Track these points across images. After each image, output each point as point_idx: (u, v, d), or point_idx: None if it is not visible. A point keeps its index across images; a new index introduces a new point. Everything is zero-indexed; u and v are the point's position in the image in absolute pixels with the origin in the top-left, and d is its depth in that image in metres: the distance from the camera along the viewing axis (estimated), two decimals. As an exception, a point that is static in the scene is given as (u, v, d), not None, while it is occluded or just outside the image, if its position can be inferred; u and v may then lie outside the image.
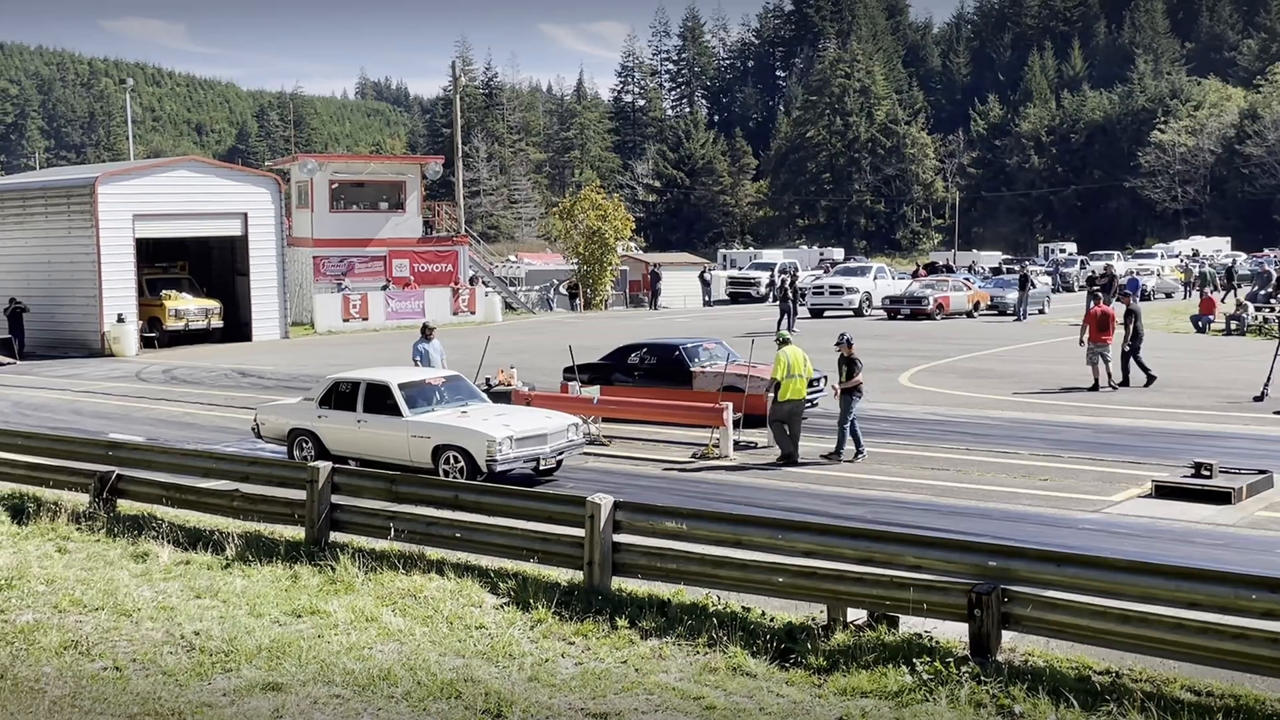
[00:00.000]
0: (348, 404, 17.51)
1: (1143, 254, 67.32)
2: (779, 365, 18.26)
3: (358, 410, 17.33)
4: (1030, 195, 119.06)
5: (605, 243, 56.12)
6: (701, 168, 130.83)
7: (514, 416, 17.32)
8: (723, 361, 22.35)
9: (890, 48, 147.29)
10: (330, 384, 18.08)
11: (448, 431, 16.58)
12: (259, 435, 18.62)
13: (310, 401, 18.16)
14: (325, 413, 17.71)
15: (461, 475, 15.98)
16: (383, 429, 17.03)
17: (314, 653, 9.72)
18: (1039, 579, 9.45)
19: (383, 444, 17.03)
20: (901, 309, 45.11)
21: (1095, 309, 26.54)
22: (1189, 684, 8.74)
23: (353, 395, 17.50)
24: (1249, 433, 20.12)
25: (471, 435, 16.31)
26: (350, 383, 17.83)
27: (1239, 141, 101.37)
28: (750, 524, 11.03)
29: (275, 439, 18.36)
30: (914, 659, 9.13)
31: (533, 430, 16.76)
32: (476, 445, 16.15)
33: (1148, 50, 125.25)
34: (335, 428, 17.57)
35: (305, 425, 17.90)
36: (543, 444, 16.73)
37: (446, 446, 16.43)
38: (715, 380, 21.28)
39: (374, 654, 9.73)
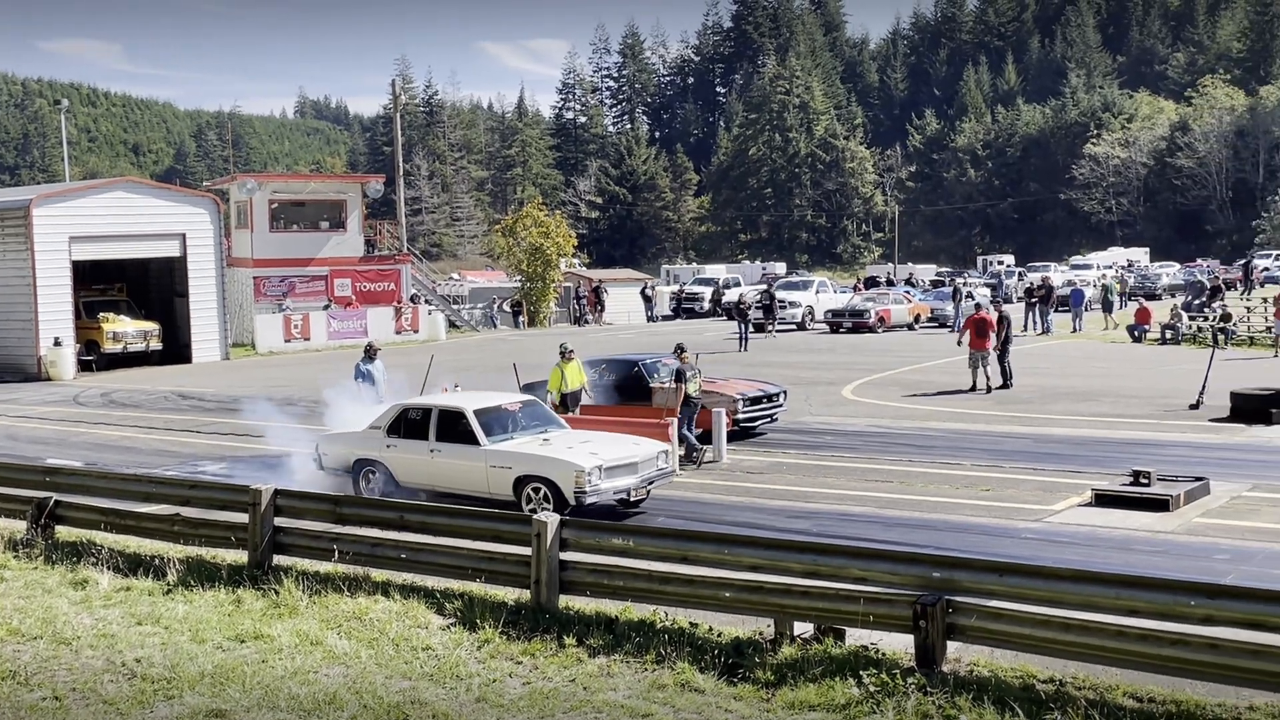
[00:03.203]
0: (419, 432, 16.34)
1: (1080, 265, 68.18)
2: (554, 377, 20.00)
3: (430, 439, 16.18)
4: (968, 208, 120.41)
5: (548, 259, 56.08)
6: (644, 184, 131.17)
7: (600, 444, 16.00)
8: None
9: (828, 64, 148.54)
10: (398, 411, 16.89)
11: (531, 461, 15.43)
12: (321, 466, 17.41)
13: (377, 430, 16.86)
14: (394, 442, 16.52)
15: (548, 504, 14.91)
16: (458, 459, 15.90)
17: (258, 678, 9.61)
18: (983, 589, 9.53)
19: (458, 475, 15.91)
20: (843, 322, 45.47)
21: (972, 316, 28.21)
22: (1131, 690, 8.84)
23: (424, 423, 16.35)
24: (1186, 440, 20.45)
25: (558, 465, 15.14)
26: (421, 409, 16.67)
27: (1170, 154, 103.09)
28: (696, 539, 11.05)
29: (339, 470, 17.20)
30: (861, 671, 9.18)
31: (622, 459, 15.53)
32: (564, 476, 15.00)
33: (1080, 64, 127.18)
34: (406, 458, 16.41)
35: (373, 455, 16.74)
36: (632, 474, 15.55)
37: (530, 478, 15.30)
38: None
39: (319, 678, 9.63)
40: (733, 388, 21.82)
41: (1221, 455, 18.93)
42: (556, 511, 13.93)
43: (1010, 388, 27.11)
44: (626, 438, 16.57)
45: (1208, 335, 35.94)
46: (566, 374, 20.15)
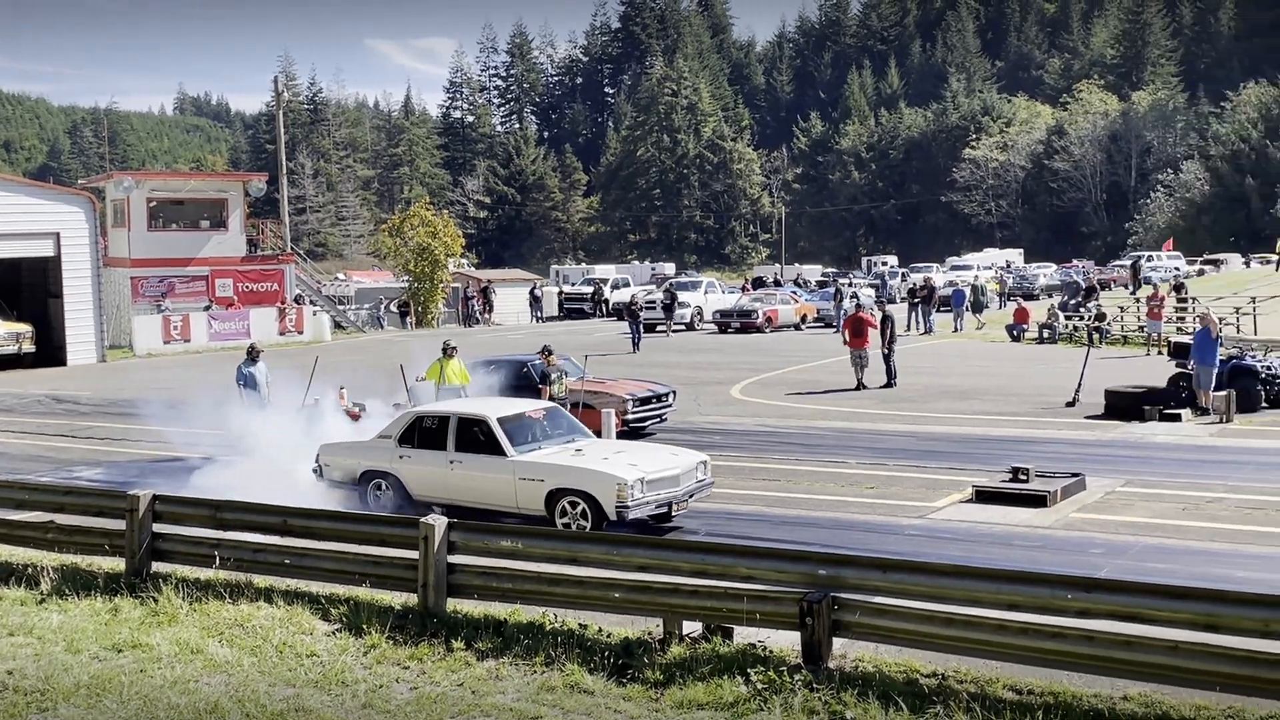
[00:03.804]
0: (435, 442, 15.33)
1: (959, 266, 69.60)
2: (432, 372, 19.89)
3: (448, 449, 15.15)
4: (852, 209, 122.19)
5: (436, 260, 55.61)
6: (532, 184, 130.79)
7: (637, 454, 15.10)
8: (573, 377, 22.35)
9: (715, 65, 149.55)
10: (411, 418, 15.86)
11: (567, 473, 14.45)
12: (321, 478, 16.29)
13: (388, 439, 15.80)
14: (408, 452, 15.49)
15: (585, 523, 14.10)
16: (482, 471, 14.88)
17: (136, 688, 9.37)
18: (867, 586, 9.66)
19: (482, 488, 14.91)
20: (732, 323, 45.85)
21: (851, 315, 29.00)
22: (1011, 683, 9.03)
23: (440, 431, 15.33)
24: (1063, 437, 20.99)
25: (598, 478, 14.18)
26: (437, 417, 15.65)
27: (1047, 157, 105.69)
28: (585, 541, 11.05)
29: (343, 482, 16.10)
30: (749, 669, 9.25)
31: (665, 471, 14.62)
32: (604, 489, 14.05)
33: (960, 69, 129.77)
34: (421, 470, 15.40)
35: (383, 467, 15.68)
36: (675, 485, 14.63)
37: (565, 491, 14.34)
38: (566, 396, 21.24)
39: (200, 687, 9.42)
40: (622, 388, 21.86)
41: (1097, 451, 19.46)
42: (595, 527, 13.76)
43: (894, 386, 27.59)
44: (663, 447, 15.99)
45: (1083, 334, 36.95)
46: (446, 370, 20.03)
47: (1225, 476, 17.02)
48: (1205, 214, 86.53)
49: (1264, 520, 14.55)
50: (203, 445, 20.04)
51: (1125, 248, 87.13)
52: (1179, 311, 38.22)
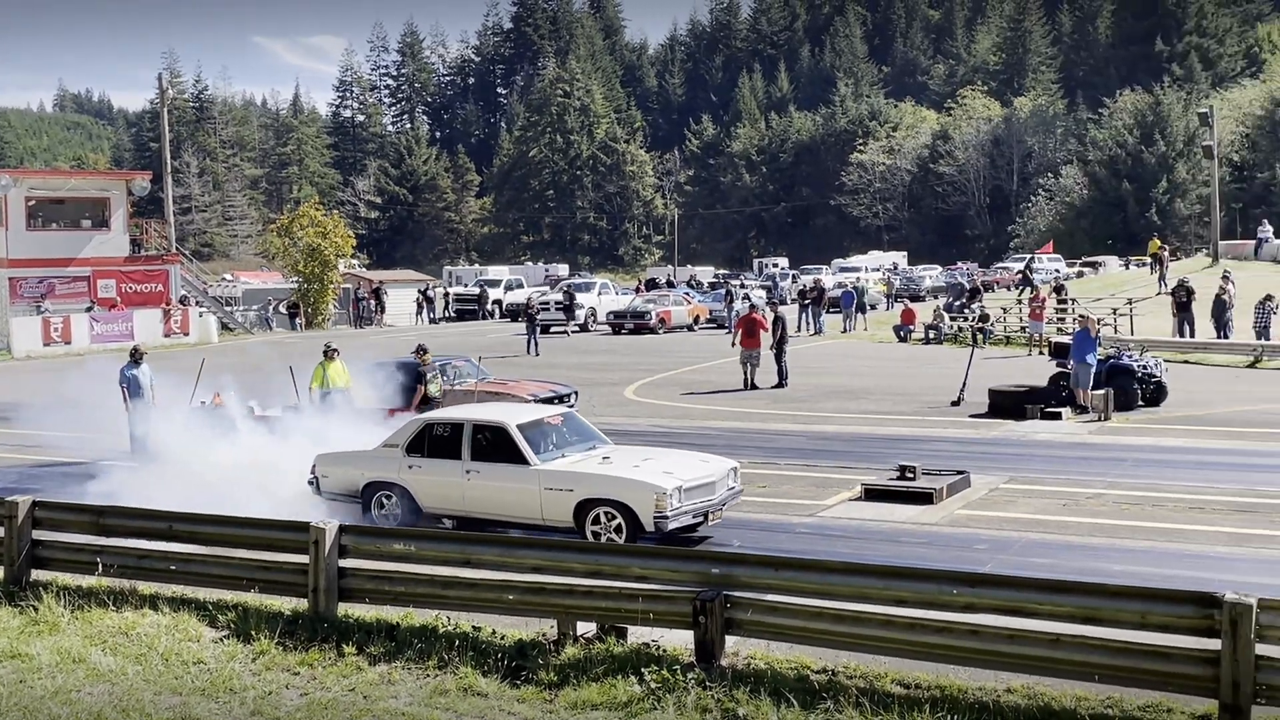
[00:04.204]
0: (448, 450, 14.42)
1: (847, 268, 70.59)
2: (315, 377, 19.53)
3: (463, 458, 14.27)
4: (744, 212, 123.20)
5: (326, 260, 54.90)
6: (424, 184, 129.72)
7: (668, 461, 14.38)
8: (473, 379, 22.23)
9: (608, 67, 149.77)
10: (420, 425, 14.89)
11: (599, 483, 13.68)
12: (318, 490, 15.30)
13: (393, 448, 14.84)
14: (418, 462, 14.56)
15: (619, 535, 13.36)
16: (503, 481, 14.02)
17: (15, 699, 9.11)
18: (759, 584, 9.77)
19: (503, 500, 14.07)
20: (625, 324, 45.98)
21: (742, 317, 29.37)
22: (899, 678, 9.20)
23: (454, 440, 14.43)
24: (948, 435, 21.42)
25: (635, 487, 13.43)
26: (449, 424, 14.74)
27: (933, 161, 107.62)
28: (479, 543, 11.00)
29: (343, 494, 15.12)
30: (642, 668, 9.29)
31: (700, 478, 13.94)
32: (642, 499, 13.31)
33: (848, 74, 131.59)
34: (433, 480, 14.48)
35: (389, 478, 14.74)
36: (710, 494, 13.95)
37: (597, 501, 13.57)
38: (466, 399, 21.09)
39: (82, 697, 9.20)
40: (524, 389, 21.84)
41: (981, 449, 19.90)
42: (630, 539, 13.16)
43: (785, 386, 27.90)
44: (690, 453, 15.25)
45: (968, 335, 37.69)
46: (329, 373, 19.84)
47: (1103, 473, 17.52)
48: (1084, 217, 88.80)
49: (1140, 515, 15.00)
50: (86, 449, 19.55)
51: (1008, 250, 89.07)
52: (1059, 312, 39.20)
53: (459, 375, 22.23)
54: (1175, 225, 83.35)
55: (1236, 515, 14.93)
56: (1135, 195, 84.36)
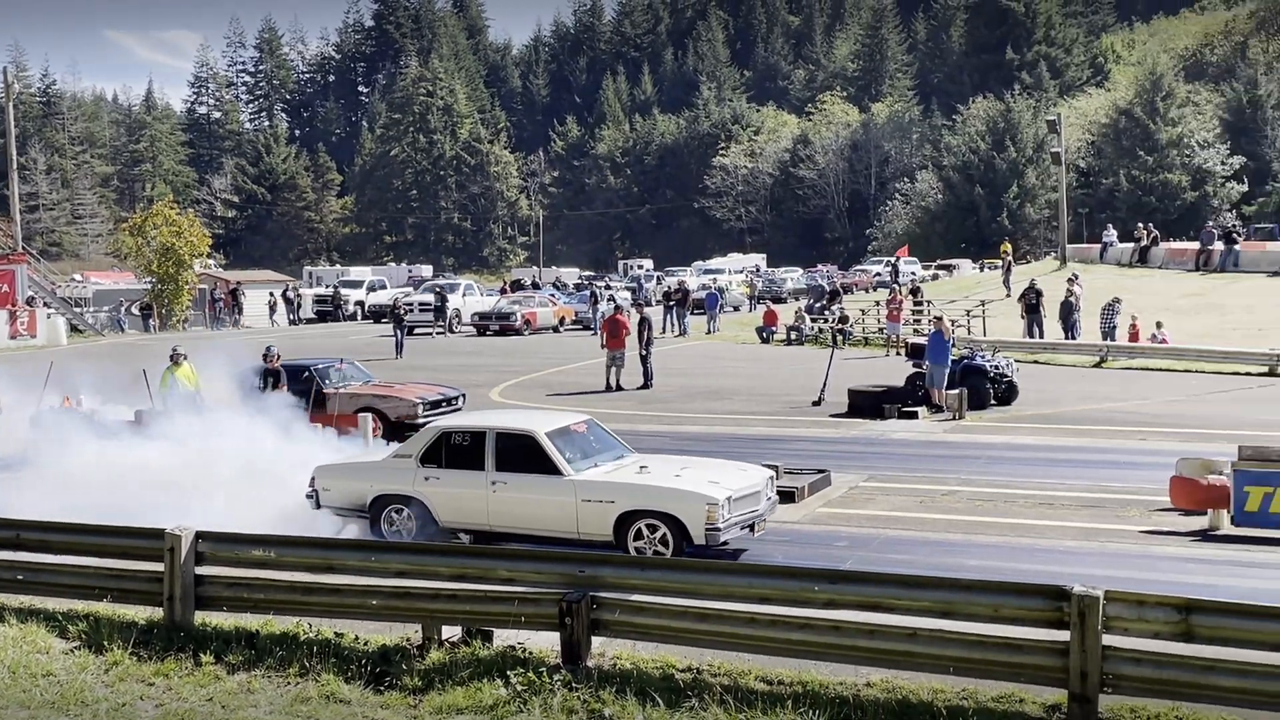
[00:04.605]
0: (469, 461, 13.60)
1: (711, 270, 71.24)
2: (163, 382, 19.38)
3: (487, 469, 13.47)
4: (609, 213, 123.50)
5: (181, 260, 53.53)
6: (283, 183, 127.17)
7: (710, 470, 13.78)
8: (358, 381, 21.93)
9: (472, 67, 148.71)
10: (435, 434, 14.03)
11: (644, 494, 13.03)
12: (318, 505, 14.35)
13: (406, 458, 14.02)
14: (435, 473, 13.71)
15: (665, 549, 12.70)
16: (534, 494, 13.28)
17: None
18: (626, 584, 9.82)
19: (534, 513, 13.32)
20: (490, 325, 45.79)
21: (607, 318, 29.68)
22: (762, 674, 9.32)
23: (475, 449, 13.61)
24: (809, 435, 21.79)
25: (685, 498, 12.78)
26: (468, 433, 13.88)
27: (793, 165, 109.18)
28: (341, 548, 10.86)
29: (348, 509, 14.25)
30: (509, 671, 9.27)
31: (747, 488, 13.35)
32: (692, 511, 12.66)
33: (711, 78, 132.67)
34: (454, 493, 13.63)
35: (402, 490, 13.87)
36: (756, 503, 13.38)
37: (642, 513, 12.91)
38: (352, 402, 20.75)
39: (-77, 716, 8.84)
40: (411, 391, 21.71)
41: (841, 448, 20.28)
42: (676, 553, 12.57)
43: (651, 388, 28.07)
44: (725, 461, 14.70)
45: (828, 336, 38.37)
46: (177, 378, 19.44)
47: (958, 470, 18.00)
48: (939, 221, 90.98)
49: (993, 511, 15.45)
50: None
51: (866, 253, 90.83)
52: (915, 314, 40.14)
53: (344, 378, 21.94)
54: (1025, 229, 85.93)
55: (1084, 510, 15.47)
56: (987, 200, 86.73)
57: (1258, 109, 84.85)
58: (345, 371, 22.29)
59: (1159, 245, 52.71)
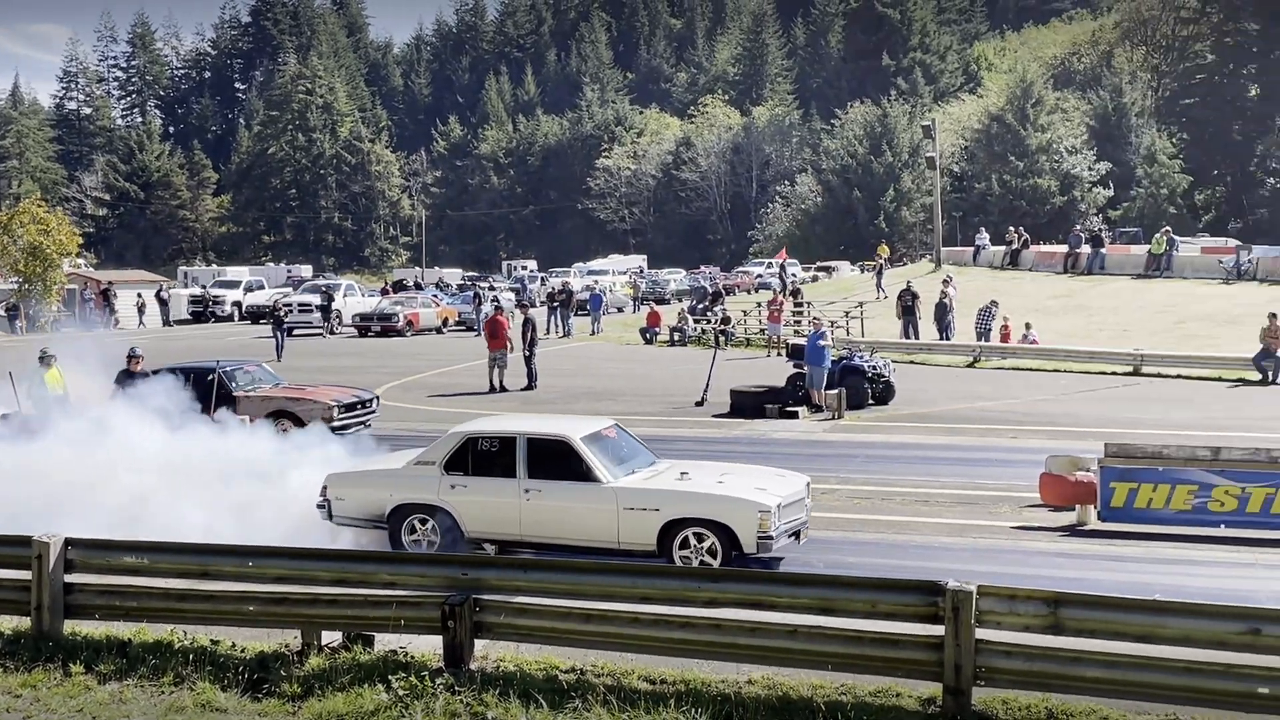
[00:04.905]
0: (498, 468, 13.11)
1: (595, 271, 71.35)
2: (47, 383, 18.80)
3: (519, 476, 12.97)
4: (493, 214, 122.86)
5: (48, 259, 51.98)
6: (157, 181, 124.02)
7: (751, 477, 13.39)
8: (268, 384, 21.50)
9: (352, 65, 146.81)
10: (460, 440, 13.40)
11: (691, 501, 12.59)
12: (330, 516, 13.66)
13: (428, 465, 13.43)
14: (461, 481, 13.19)
15: (713, 559, 12.30)
16: (571, 502, 12.81)
17: None
18: (509, 586, 9.81)
19: (571, 522, 12.83)
20: (372, 326, 45.30)
21: (489, 319, 29.85)
22: (645, 674, 9.38)
23: (505, 456, 13.09)
24: (692, 435, 21.95)
25: (735, 505, 12.38)
26: (497, 438, 13.30)
27: (676, 167, 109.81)
28: (217, 553, 10.64)
29: (364, 519, 13.56)
30: (390, 676, 9.20)
31: (792, 495, 13.02)
32: (743, 519, 12.27)
33: (594, 79, 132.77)
34: (483, 502, 13.11)
35: (425, 499, 13.30)
36: (800, 510, 13.14)
37: (689, 522, 12.47)
38: (263, 405, 20.32)
39: None
40: (326, 394, 21.41)
41: (723, 448, 20.46)
42: (724, 562, 12.17)
43: (535, 389, 28.02)
44: (762, 468, 14.32)
45: (710, 337, 38.70)
46: (47, 380, 18.94)
47: (837, 469, 18.30)
48: (818, 223, 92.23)
49: (871, 508, 15.74)
50: None
51: (748, 255, 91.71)
52: (796, 316, 40.67)
53: (253, 380, 21.53)
54: (902, 232, 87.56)
55: (959, 507, 15.85)
56: (865, 203, 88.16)
57: (1122, 116, 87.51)
58: (254, 374, 21.91)
59: (1029, 248, 54.09)
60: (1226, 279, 42.50)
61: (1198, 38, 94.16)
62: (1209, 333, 35.23)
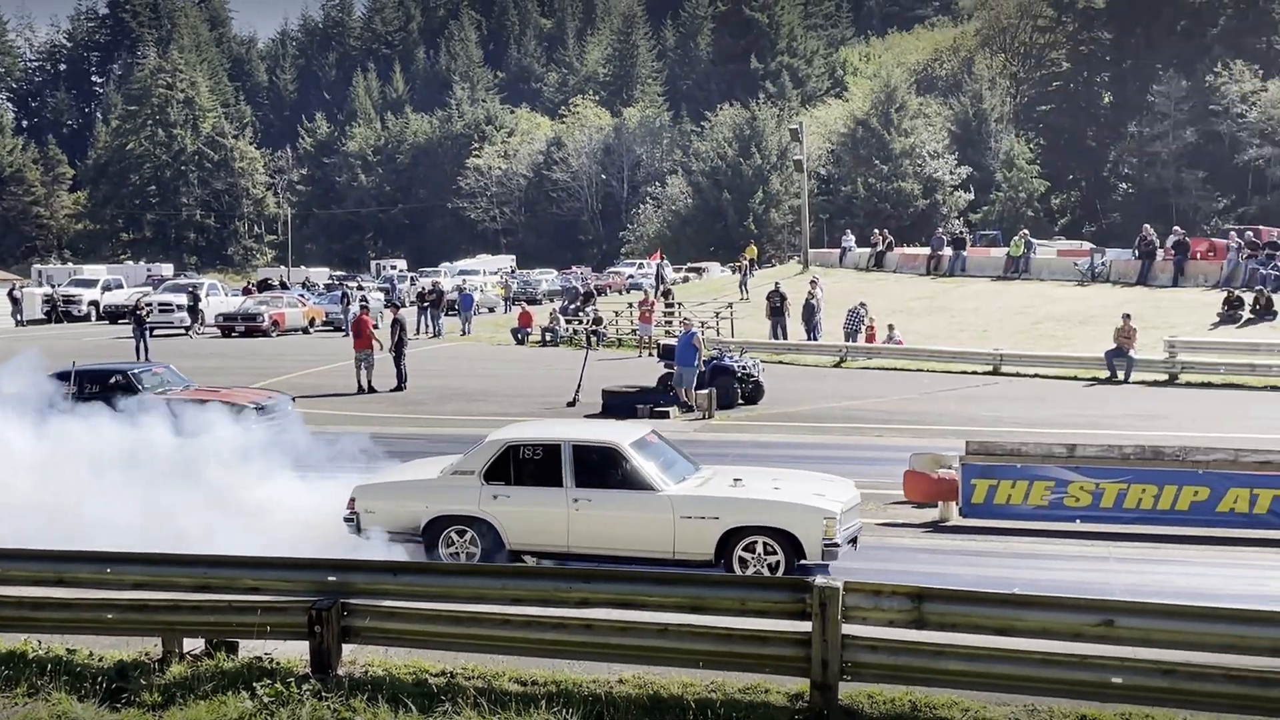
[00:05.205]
0: (543, 477, 12.69)
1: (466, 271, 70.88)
2: None
3: (566, 484, 12.57)
4: (361, 212, 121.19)
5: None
6: (9, 176, 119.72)
7: (807, 483, 13.16)
8: (178, 387, 20.87)
9: (215, 60, 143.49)
10: (500, 448, 12.99)
11: (753, 509, 12.31)
12: (359, 530, 13.04)
13: (466, 475, 12.96)
14: (504, 491, 12.72)
15: (774, 569, 12.04)
16: (623, 511, 12.44)
17: None
18: (379, 590, 9.70)
19: (624, 533, 12.44)
20: (236, 326, 44.39)
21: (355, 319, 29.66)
22: (516, 676, 9.36)
23: (549, 464, 12.70)
24: (564, 436, 21.89)
25: (800, 512, 12.14)
26: (540, 446, 12.93)
27: (547, 167, 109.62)
28: (73, 559, 10.31)
29: (397, 532, 12.93)
30: (255, 683, 9.04)
31: (849, 500, 12.80)
32: (808, 526, 12.01)
33: (464, 78, 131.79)
34: (528, 512, 12.64)
35: (465, 511, 12.81)
36: (856, 516, 12.96)
37: (750, 530, 12.18)
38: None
39: None
40: (244, 396, 20.95)
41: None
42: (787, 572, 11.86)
43: (405, 390, 27.74)
44: (810, 473, 14.04)
45: (582, 337, 38.75)
46: None
47: (708, 468, 18.41)
48: (689, 225, 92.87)
49: (741, 507, 15.86)
50: None
51: (620, 256, 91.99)
52: (667, 316, 40.94)
53: (162, 383, 20.93)
54: (771, 234, 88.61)
55: (825, 504, 16.06)
56: (735, 205, 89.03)
57: (982, 122, 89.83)
58: (163, 376, 21.35)
59: (893, 250, 55.14)
60: (1081, 281, 43.85)
61: (1054, 46, 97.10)
62: (1065, 333, 36.36)
